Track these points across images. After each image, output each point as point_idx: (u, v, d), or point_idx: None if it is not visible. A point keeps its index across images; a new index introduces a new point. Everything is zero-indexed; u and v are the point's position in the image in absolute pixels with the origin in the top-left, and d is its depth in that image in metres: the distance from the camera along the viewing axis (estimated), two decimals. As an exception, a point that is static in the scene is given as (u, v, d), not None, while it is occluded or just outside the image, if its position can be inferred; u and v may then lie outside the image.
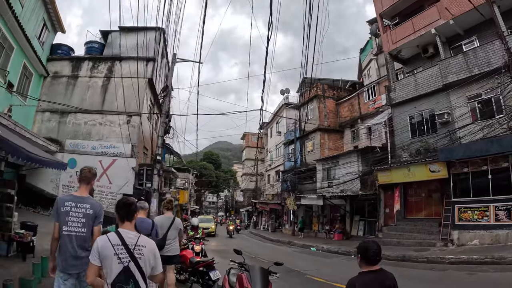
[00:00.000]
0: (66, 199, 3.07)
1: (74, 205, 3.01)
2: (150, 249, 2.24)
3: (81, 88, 15.50)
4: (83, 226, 3.01)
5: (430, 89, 14.69)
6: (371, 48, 31.80)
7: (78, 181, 3.25)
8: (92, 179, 3.30)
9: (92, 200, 3.21)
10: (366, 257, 2.30)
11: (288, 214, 26.10)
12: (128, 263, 2.13)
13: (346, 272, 3.77)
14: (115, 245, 2.13)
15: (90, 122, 15.14)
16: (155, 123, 19.96)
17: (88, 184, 3.24)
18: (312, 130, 23.36)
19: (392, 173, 14.55)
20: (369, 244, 2.35)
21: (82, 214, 3.02)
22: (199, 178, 51.67)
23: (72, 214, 2.99)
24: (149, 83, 15.68)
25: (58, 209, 3.01)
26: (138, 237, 2.23)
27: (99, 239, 2.22)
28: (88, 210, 3.05)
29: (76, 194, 3.15)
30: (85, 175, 3.22)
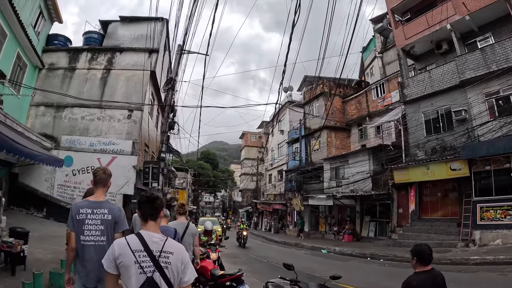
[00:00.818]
0: (81, 205, 2.74)
1: (90, 211, 2.69)
2: (179, 257, 1.84)
3: (79, 81, 14.55)
4: (102, 234, 2.69)
5: (446, 86, 14.20)
6: (374, 46, 31.47)
7: (93, 184, 2.92)
8: (108, 180, 2.96)
9: (111, 204, 2.84)
10: (421, 259, 2.64)
11: (292, 214, 25.36)
12: (153, 273, 1.75)
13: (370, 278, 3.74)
14: (135, 251, 1.76)
15: (88, 116, 14.19)
16: (156, 119, 19.08)
17: (104, 186, 2.91)
18: (318, 128, 22.62)
19: (409, 172, 13.90)
20: (424, 247, 2.69)
21: (100, 221, 2.70)
22: (196, 177, 50.80)
23: (88, 222, 2.68)
24: (152, 76, 14.80)
25: (73, 217, 2.68)
26: (164, 241, 1.83)
27: (115, 243, 1.83)
28: (106, 215, 2.72)
29: (91, 199, 2.81)
30: (100, 176, 2.89)
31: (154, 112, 17.71)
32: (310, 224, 22.40)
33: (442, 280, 2.64)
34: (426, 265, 2.65)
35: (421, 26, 15.63)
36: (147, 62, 14.73)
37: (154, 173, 10.39)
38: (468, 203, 12.18)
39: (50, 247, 8.10)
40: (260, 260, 12.08)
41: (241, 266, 9.61)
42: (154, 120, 18.05)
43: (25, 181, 12.81)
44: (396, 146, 16.09)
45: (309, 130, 24.16)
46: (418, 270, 2.66)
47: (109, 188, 10.34)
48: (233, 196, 62.85)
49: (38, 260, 6.74)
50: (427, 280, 2.57)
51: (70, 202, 13.15)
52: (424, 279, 2.57)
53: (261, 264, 11.18)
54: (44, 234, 9.59)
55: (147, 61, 14.73)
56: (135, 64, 14.72)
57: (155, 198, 1.96)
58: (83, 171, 13.62)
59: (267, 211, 31.52)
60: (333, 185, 19.24)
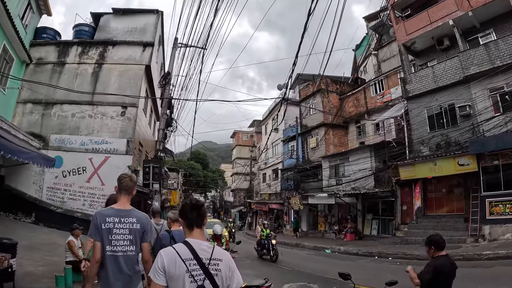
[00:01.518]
0: (107, 213, 2.57)
1: (117, 220, 2.54)
2: (228, 263, 1.81)
3: (69, 76, 13.63)
4: (131, 243, 2.55)
5: (449, 81, 14.10)
6: (368, 44, 31.47)
7: (117, 191, 2.76)
8: (133, 188, 2.78)
9: (139, 213, 2.70)
10: (438, 246, 3.29)
11: (289, 214, 24.93)
12: (203, 281, 1.71)
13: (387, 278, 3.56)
14: (186, 259, 1.71)
15: (79, 114, 13.30)
16: (150, 117, 18.29)
17: (129, 194, 2.73)
18: (316, 125, 22.28)
19: (415, 168, 13.65)
20: (437, 236, 3.37)
21: (128, 230, 2.54)
22: (187, 178, 49.86)
23: (116, 232, 2.51)
24: (146, 71, 14.03)
25: (98, 225, 2.50)
26: (212, 249, 1.81)
27: (163, 252, 1.75)
28: (135, 224, 2.58)
29: (117, 207, 2.64)
30: (127, 183, 2.71)
31: (148, 110, 16.92)
32: (308, 223, 22.02)
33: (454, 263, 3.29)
34: (442, 250, 3.30)
35: (422, 21, 15.55)
36: (141, 56, 13.97)
37: (155, 173, 9.66)
38: (475, 198, 12.14)
39: (41, 257, 7.35)
40: (269, 263, 11.46)
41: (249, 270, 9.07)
42: (148, 118, 17.26)
43: (11, 184, 11.89)
44: (398, 142, 15.87)
45: (305, 128, 23.77)
46: (436, 255, 3.28)
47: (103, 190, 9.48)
48: (224, 196, 62.11)
49: (29, 274, 6.00)
50: (446, 262, 3.21)
51: (60, 206, 12.31)
52: (444, 261, 3.20)
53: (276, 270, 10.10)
54: (34, 242, 8.79)
55: (142, 55, 13.96)
56: (129, 58, 13.93)
57: (201, 206, 1.92)
58: (73, 173, 12.78)
59: (262, 210, 31.00)
60: (332, 183, 18.90)
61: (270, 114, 32.60)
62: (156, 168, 9.63)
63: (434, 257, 3.30)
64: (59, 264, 6.31)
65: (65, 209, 12.28)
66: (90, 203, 12.50)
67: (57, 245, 8.39)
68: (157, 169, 9.64)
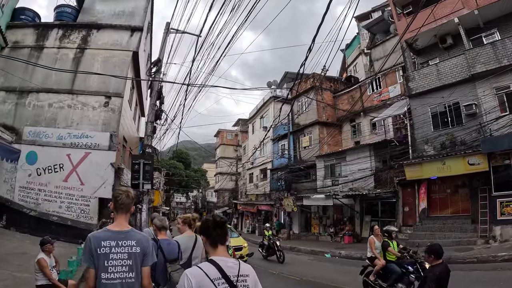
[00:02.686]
0: (102, 236, 2.20)
1: (114, 243, 2.18)
2: (254, 278, 1.77)
3: (47, 62, 12.05)
4: (130, 270, 2.20)
5: (455, 79, 13.75)
6: (358, 43, 31.29)
7: (114, 209, 2.39)
8: (131, 205, 2.40)
9: (138, 234, 2.34)
10: (438, 255, 3.57)
11: (278, 215, 24.00)
12: None
13: None
14: (215, 279, 1.63)
15: (57, 104, 11.78)
16: (135, 111, 16.81)
17: (127, 212, 2.36)
18: (309, 123, 21.47)
19: (422, 168, 13.09)
20: (437, 246, 3.67)
21: (127, 255, 2.20)
22: (169, 177, 48.03)
23: (113, 257, 2.16)
24: (134, 58, 12.65)
25: (93, 250, 2.15)
26: (239, 265, 1.74)
27: (190, 273, 1.64)
28: (134, 248, 2.23)
29: (113, 228, 2.28)
30: (123, 201, 2.33)
31: (133, 103, 15.45)
32: (300, 225, 21.16)
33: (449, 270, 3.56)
34: (440, 259, 3.56)
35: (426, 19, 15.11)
36: (128, 42, 12.58)
37: (146, 171, 8.36)
38: (484, 199, 11.76)
39: (9, 273, 5.94)
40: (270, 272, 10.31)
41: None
42: (132, 112, 15.80)
43: (-23, 184, 10.23)
44: (399, 141, 15.30)
45: (297, 126, 22.93)
46: (435, 263, 3.58)
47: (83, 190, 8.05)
48: (207, 196, 60.53)
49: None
50: (443, 269, 3.49)
51: (34, 208, 10.76)
52: (442, 270, 3.48)
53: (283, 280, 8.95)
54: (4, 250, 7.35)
55: (129, 41, 12.58)
56: (115, 43, 12.52)
57: (224, 222, 1.86)
58: (49, 170, 11.25)
59: (249, 212, 29.91)
60: (328, 184, 18.15)
61: (259, 112, 31.58)
62: (148, 165, 8.36)
63: (433, 265, 3.62)
64: (31, 284, 4.97)
65: (40, 211, 10.80)
66: (67, 205, 11.03)
67: (29, 256, 6.94)
68: (149, 166, 8.36)
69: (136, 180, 8.30)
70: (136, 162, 8.41)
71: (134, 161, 8.45)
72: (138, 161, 8.39)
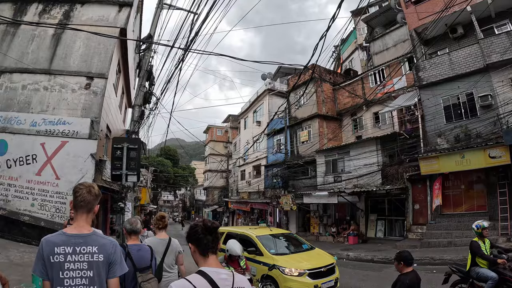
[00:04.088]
0: (56, 241, 1.81)
1: (71, 250, 1.80)
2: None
3: (23, 39, 10.62)
4: (92, 283, 1.81)
5: (468, 69, 12.96)
6: (355, 38, 30.62)
7: (73, 208, 2.08)
8: (94, 203, 1.98)
9: (102, 238, 1.92)
10: (407, 263, 3.47)
11: (274, 214, 22.78)
12: None
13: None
14: None
15: (32, 86, 10.22)
16: (121, 99, 15.23)
17: (89, 212, 1.95)
18: (308, 117, 20.30)
19: (440, 161, 12.12)
20: (407, 253, 3.53)
21: (87, 264, 1.81)
22: (156, 173, 46.22)
23: (69, 266, 1.78)
24: (121, 35, 11.13)
25: (46, 259, 1.77)
26: (233, 277, 1.59)
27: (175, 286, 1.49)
28: (96, 255, 1.85)
29: (69, 231, 1.88)
30: (84, 198, 1.93)
31: (119, 89, 13.87)
32: (297, 225, 20.00)
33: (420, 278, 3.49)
34: (410, 266, 3.49)
35: (437, 6, 14.28)
36: (116, 18, 11.10)
37: (131, 158, 6.47)
38: (504, 194, 10.98)
39: None
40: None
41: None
42: (118, 99, 14.21)
43: None
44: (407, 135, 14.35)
45: (294, 120, 21.74)
46: (405, 271, 3.47)
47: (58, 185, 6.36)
48: (195, 194, 58.83)
49: None
50: (413, 277, 3.41)
51: (3, 207, 9.20)
52: (412, 278, 3.40)
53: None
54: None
55: (117, 17, 11.10)
56: (100, 19, 11.05)
57: (215, 228, 1.64)
58: (21, 162, 9.66)
59: (241, 210, 28.57)
60: (329, 180, 17.03)
61: (251, 106, 30.25)
62: (133, 151, 6.74)
63: (402, 273, 3.46)
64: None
65: (10, 210, 9.29)
66: (40, 203, 9.48)
67: None
68: (135, 152, 6.75)
69: (118, 170, 6.43)
70: (117, 146, 6.53)
71: (115, 145, 6.57)
72: (121, 145, 6.53)
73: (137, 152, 6.78)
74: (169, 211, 75.85)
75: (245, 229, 8.24)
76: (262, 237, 7.22)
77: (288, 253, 6.97)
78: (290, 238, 8.10)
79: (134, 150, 6.61)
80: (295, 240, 8.12)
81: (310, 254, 7.20)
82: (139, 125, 9.29)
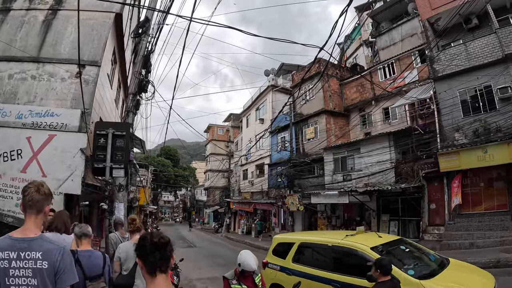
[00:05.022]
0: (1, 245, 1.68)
1: (15, 255, 1.67)
2: None
3: (12, 26, 9.82)
4: None
5: (486, 60, 12.23)
6: (359, 35, 30.06)
7: (22, 210, 1.85)
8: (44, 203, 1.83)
9: (48, 243, 1.76)
10: (384, 271, 3.25)
11: (278, 215, 21.91)
12: None
13: None
14: None
15: (18, 75, 9.36)
16: (117, 93, 14.37)
17: (38, 213, 1.80)
18: (314, 113, 19.45)
19: (461, 157, 11.30)
20: (385, 261, 3.36)
21: (31, 271, 1.66)
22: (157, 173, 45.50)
23: (14, 273, 1.65)
24: (116, 21, 10.30)
25: None
26: None
27: None
28: (39, 262, 1.68)
29: (16, 234, 1.74)
30: (32, 197, 1.79)
31: (115, 81, 13.01)
32: (303, 226, 19.13)
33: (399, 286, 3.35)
34: (387, 275, 3.27)
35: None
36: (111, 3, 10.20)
37: (117, 148, 5.45)
38: None
39: None
40: None
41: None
42: (114, 93, 13.35)
43: None
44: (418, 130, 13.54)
45: (300, 117, 20.89)
46: (382, 280, 3.25)
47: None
48: (196, 194, 57.98)
49: None
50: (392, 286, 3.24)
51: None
52: (390, 286, 3.23)
53: None
54: None
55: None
56: (95, 4, 10.12)
57: (166, 244, 1.46)
58: (5, 158, 8.73)
59: (244, 211, 27.69)
60: (338, 179, 16.16)
61: (254, 104, 29.42)
62: (120, 138, 5.55)
63: (379, 281, 3.27)
64: None
65: (-8, 211, 8.35)
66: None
67: None
68: (122, 140, 5.61)
69: (101, 162, 5.28)
70: (101, 132, 5.43)
71: (98, 131, 5.53)
72: (105, 131, 5.44)
73: (125, 141, 5.68)
74: (170, 212, 75.08)
75: (335, 236, 5.48)
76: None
77: (435, 273, 4.32)
78: (410, 246, 5.34)
79: (121, 138, 5.55)
80: (417, 249, 5.40)
81: (459, 271, 4.71)
82: (133, 116, 8.42)
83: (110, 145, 5.20)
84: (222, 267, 11.55)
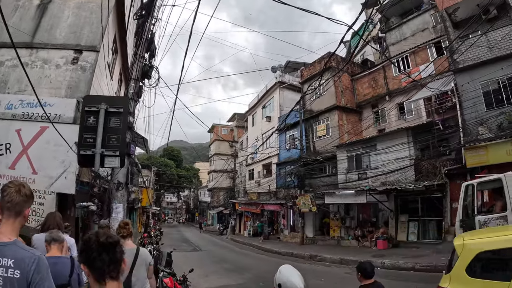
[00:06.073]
0: None
1: None
2: None
3: (6, 11, 8.97)
4: None
5: (509, 51, 11.53)
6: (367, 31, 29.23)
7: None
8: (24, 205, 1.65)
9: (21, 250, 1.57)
10: (366, 274, 3.13)
11: (287, 216, 21.00)
12: None
13: None
14: None
15: (9, 62, 8.62)
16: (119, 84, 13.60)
17: (17, 216, 1.63)
18: (325, 109, 18.57)
19: (488, 152, 10.43)
20: (366, 264, 3.20)
21: (1, 280, 1.49)
22: (159, 173, 44.77)
23: None
24: (117, 4, 9.53)
25: None
26: None
27: None
28: (11, 271, 1.49)
29: None
30: (11, 198, 1.61)
31: (115, 70, 12.22)
32: (314, 227, 18.19)
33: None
34: (370, 279, 3.13)
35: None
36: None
37: (111, 129, 3.93)
38: None
39: None
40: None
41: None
42: (115, 84, 12.56)
43: None
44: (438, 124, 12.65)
45: (310, 113, 20.01)
46: (364, 283, 3.14)
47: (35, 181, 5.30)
48: (199, 195, 57.17)
49: None
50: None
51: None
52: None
53: None
54: None
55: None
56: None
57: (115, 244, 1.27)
58: (-6, 152, 7.97)
59: (250, 212, 26.78)
60: (353, 177, 15.26)
61: (260, 101, 28.60)
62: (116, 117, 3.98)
63: (361, 285, 3.18)
64: None
65: (-21, 211, 7.49)
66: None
67: None
68: (118, 120, 4.00)
69: (89, 147, 3.81)
70: (90, 109, 3.95)
71: (87, 107, 3.97)
72: (96, 106, 3.90)
73: (122, 120, 4.26)
74: (173, 213, 74.31)
75: None
76: None
77: None
78: None
79: (117, 116, 3.95)
80: None
81: None
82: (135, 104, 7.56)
83: (102, 125, 3.90)
84: (231, 273, 10.68)
